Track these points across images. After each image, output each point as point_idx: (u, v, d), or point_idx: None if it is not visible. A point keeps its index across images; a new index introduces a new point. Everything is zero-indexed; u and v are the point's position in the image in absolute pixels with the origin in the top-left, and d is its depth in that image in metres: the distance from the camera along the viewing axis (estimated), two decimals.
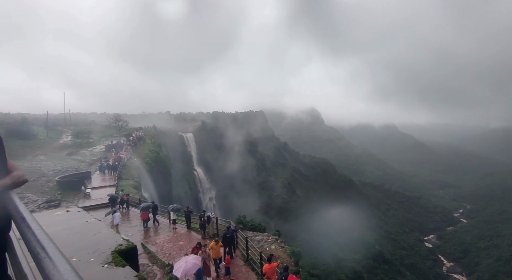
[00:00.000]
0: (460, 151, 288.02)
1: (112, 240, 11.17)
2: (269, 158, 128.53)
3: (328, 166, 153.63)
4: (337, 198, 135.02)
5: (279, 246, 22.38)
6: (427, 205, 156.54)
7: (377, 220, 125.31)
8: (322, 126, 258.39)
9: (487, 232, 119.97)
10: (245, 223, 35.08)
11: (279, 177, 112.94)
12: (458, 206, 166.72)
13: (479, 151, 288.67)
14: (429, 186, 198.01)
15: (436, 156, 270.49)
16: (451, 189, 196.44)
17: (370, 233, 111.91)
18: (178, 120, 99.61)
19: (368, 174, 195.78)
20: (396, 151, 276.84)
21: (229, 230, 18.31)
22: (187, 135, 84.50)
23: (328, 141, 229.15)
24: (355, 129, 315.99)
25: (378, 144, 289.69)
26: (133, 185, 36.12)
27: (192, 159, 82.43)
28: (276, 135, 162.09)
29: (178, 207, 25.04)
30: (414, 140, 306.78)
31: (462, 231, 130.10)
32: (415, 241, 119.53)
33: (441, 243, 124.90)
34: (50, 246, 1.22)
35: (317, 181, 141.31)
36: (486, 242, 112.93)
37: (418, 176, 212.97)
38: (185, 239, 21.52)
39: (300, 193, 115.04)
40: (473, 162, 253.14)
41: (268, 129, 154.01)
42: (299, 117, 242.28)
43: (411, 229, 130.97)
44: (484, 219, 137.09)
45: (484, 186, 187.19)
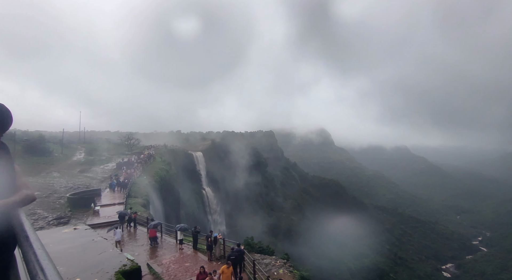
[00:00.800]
0: (476, 175, 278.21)
1: (117, 260, 11.01)
2: (278, 178, 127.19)
3: (338, 188, 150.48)
4: (348, 221, 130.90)
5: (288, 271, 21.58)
6: (444, 231, 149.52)
7: (390, 246, 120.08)
8: (332, 147, 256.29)
9: (510, 263, 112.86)
10: (253, 245, 34.16)
11: (288, 198, 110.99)
12: (477, 234, 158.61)
13: (497, 175, 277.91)
14: (445, 211, 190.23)
15: (451, 179, 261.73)
16: (469, 215, 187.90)
17: (384, 259, 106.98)
18: (188, 139, 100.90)
19: (380, 197, 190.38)
20: (408, 174, 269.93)
21: (233, 252, 17.85)
22: (196, 154, 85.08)
23: (338, 162, 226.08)
24: (366, 151, 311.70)
25: (390, 166, 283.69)
26: (142, 203, 36.12)
27: (201, 178, 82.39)
28: (286, 155, 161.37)
29: (186, 226, 24.69)
30: (427, 162, 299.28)
31: (482, 260, 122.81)
32: (432, 270, 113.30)
33: (460, 273, 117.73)
34: (49, 268, 1.20)
35: (327, 203, 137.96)
36: (510, 274, 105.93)
37: (432, 200, 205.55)
38: (191, 260, 21.03)
39: (310, 214, 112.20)
40: (491, 187, 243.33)
41: (278, 149, 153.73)
42: (309, 137, 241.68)
43: (427, 257, 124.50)
44: (506, 248, 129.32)
45: (505, 213, 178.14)
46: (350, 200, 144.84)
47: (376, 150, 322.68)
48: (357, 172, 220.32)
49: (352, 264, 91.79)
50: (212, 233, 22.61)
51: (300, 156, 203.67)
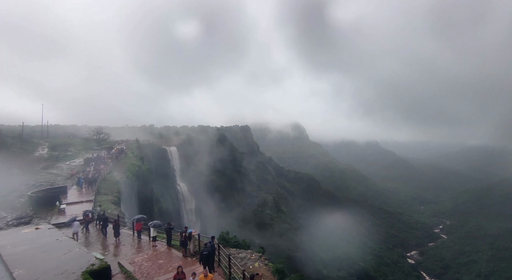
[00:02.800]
0: (439, 168, 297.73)
1: (84, 259, 10.45)
2: (253, 173, 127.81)
3: (312, 182, 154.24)
4: (321, 214, 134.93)
5: (263, 264, 21.74)
6: (409, 221, 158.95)
7: (361, 236, 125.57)
8: (306, 141, 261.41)
9: (466, 248, 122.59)
10: (228, 239, 34.05)
11: (264, 192, 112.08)
12: (438, 222, 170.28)
13: (457, 168, 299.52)
14: (411, 202, 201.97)
15: (417, 172, 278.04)
16: (431, 205, 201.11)
17: (354, 249, 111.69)
18: (162, 134, 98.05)
19: (352, 190, 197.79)
20: (378, 167, 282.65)
21: (206, 247, 17.66)
22: (170, 148, 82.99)
23: (313, 157, 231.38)
24: (339, 145, 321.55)
25: (362, 160, 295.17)
26: (112, 200, 34.68)
27: (175, 173, 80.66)
28: (261, 150, 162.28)
29: (159, 223, 24.10)
30: (395, 156, 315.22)
31: (442, 247, 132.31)
32: (398, 257, 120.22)
33: (423, 259, 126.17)
34: None
35: (301, 197, 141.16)
36: (466, 258, 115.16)
37: (400, 192, 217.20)
38: (165, 258, 20.54)
39: (285, 208, 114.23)
40: (452, 179, 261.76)
41: (253, 144, 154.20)
42: (284, 132, 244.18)
43: (394, 245, 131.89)
44: (463, 235, 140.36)
45: (462, 203, 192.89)
46: (323, 194, 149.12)
47: (349, 144, 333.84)
48: (330, 166, 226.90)
49: (324, 255, 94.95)
50: (187, 229, 22.19)
51: (275, 151, 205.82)
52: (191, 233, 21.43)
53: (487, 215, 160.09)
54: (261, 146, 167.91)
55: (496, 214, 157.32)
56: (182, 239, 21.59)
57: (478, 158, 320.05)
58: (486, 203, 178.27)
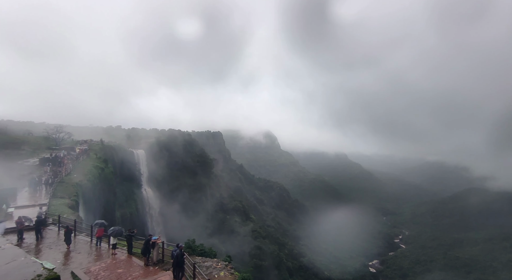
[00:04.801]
0: (400, 181, 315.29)
1: (30, 269, 9.35)
2: (224, 180, 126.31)
3: (282, 191, 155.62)
4: (290, 223, 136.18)
5: (229, 273, 21.22)
6: (372, 231, 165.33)
7: (326, 245, 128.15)
8: (278, 150, 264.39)
9: (422, 257, 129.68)
10: (194, 248, 32.91)
11: (234, 200, 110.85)
12: (398, 233, 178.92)
13: (417, 181, 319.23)
14: (374, 213, 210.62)
15: (380, 184, 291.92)
16: (393, 216, 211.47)
17: (320, 258, 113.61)
18: (130, 136, 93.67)
19: (320, 200, 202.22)
20: (345, 178, 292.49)
21: (175, 254, 17.02)
22: (138, 151, 79.55)
23: (284, 166, 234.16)
24: (310, 156, 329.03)
25: (330, 171, 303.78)
26: (69, 204, 32.19)
27: (141, 177, 77.20)
28: (232, 157, 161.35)
29: (120, 230, 22.68)
30: (361, 169, 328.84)
31: (401, 256, 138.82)
32: (361, 266, 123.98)
33: (383, 268, 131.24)
34: None
35: (271, 205, 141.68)
36: (421, 267, 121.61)
37: (364, 203, 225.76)
38: (124, 266, 19.24)
39: (254, 217, 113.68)
40: (411, 191, 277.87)
41: (225, 151, 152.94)
42: (256, 139, 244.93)
43: (358, 254, 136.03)
44: (419, 244, 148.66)
45: (420, 214, 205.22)
46: (292, 203, 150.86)
47: (319, 155, 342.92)
48: (300, 176, 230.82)
49: (291, 264, 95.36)
50: (151, 236, 21.14)
51: (247, 158, 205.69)
52: (154, 240, 20.40)
53: (441, 226, 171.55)
54: (232, 153, 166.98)
55: (449, 226, 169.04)
56: (145, 246, 20.49)
57: (435, 173, 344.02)
58: (440, 215, 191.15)
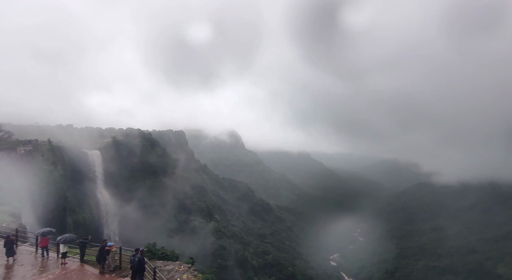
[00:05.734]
0: (360, 178, 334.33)
1: None
2: (187, 180, 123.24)
3: (247, 190, 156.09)
4: (254, 222, 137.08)
5: (192, 275, 20.66)
6: (333, 226, 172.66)
7: (290, 242, 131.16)
8: (242, 150, 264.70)
9: (378, 248, 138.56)
10: (155, 251, 31.55)
11: (197, 200, 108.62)
12: (356, 226, 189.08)
13: (374, 178, 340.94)
14: (335, 208, 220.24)
15: (341, 181, 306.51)
16: (353, 211, 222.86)
17: (284, 255, 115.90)
18: (83, 135, 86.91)
19: (284, 198, 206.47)
20: (308, 176, 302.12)
21: (134, 260, 16.16)
22: (92, 152, 74.22)
23: (248, 165, 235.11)
24: (274, 155, 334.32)
25: (294, 169, 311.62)
26: (11, 211, 28.96)
27: (96, 180, 72.14)
28: (196, 157, 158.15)
29: (71, 237, 20.91)
30: (323, 167, 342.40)
31: (359, 248, 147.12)
32: (323, 260, 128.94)
33: (343, 261, 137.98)
34: None
35: (236, 205, 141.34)
36: (377, 258, 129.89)
37: (326, 200, 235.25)
38: (77, 276, 17.80)
39: (219, 217, 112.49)
40: (369, 187, 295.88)
41: (188, 151, 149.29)
42: (220, 139, 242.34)
43: (320, 249, 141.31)
44: (376, 237, 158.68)
45: (377, 208, 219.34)
46: (257, 202, 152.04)
47: (283, 154, 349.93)
48: (264, 175, 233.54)
49: (256, 262, 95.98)
50: (106, 242, 19.78)
51: (211, 158, 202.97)
52: (110, 247, 19.13)
53: (395, 219, 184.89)
54: (196, 153, 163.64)
55: (402, 218, 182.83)
56: (100, 253, 19.13)
57: (389, 169, 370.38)
58: (394, 209, 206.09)
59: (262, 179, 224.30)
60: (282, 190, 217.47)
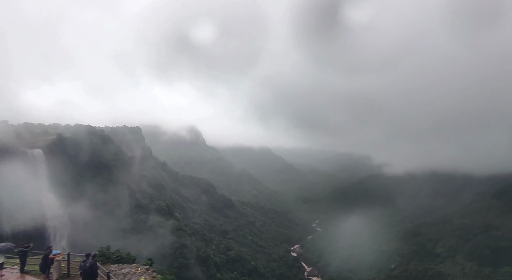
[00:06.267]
0: (317, 171, 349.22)
1: None
2: (145, 178, 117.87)
3: (208, 187, 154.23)
4: (216, 219, 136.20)
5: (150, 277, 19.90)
6: (294, 218, 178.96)
7: (253, 236, 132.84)
8: (203, 146, 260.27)
9: (335, 237, 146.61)
10: (109, 255, 29.75)
11: (156, 199, 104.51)
12: (315, 218, 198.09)
13: (331, 171, 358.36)
14: (295, 201, 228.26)
15: (301, 175, 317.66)
16: (311, 203, 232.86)
17: (246, 249, 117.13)
18: (21, 133, 77.76)
19: (246, 193, 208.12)
20: (269, 171, 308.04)
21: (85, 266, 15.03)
22: (34, 151, 66.95)
23: (209, 161, 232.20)
24: (236, 151, 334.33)
25: (255, 165, 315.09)
26: None
27: (39, 182, 65.32)
28: (154, 154, 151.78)
29: (7, 246, 18.85)
30: (284, 162, 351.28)
31: (318, 238, 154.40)
32: (284, 252, 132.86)
33: (303, 251, 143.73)
34: None
35: (197, 202, 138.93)
36: (335, 246, 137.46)
37: (287, 194, 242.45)
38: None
39: (179, 215, 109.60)
40: (326, 180, 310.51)
41: (145, 148, 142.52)
42: (180, 135, 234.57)
43: (281, 242, 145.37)
44: (333, 226, 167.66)
45: (333, 199, 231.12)
46: (219, 198, 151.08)
47: (244, 150, 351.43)
48: (226, 171, 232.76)
49: (218, 258, 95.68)
50: (51, 250, 18.11)
51: (170, 155, 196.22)
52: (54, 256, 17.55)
53: (350, 208, 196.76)
54: (154, 150, 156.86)
55: (356, 208, 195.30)
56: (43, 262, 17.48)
57: (345, 162, 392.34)
58: (349, 199, 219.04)
59: (224, 175, 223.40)
60: (244, 186, 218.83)
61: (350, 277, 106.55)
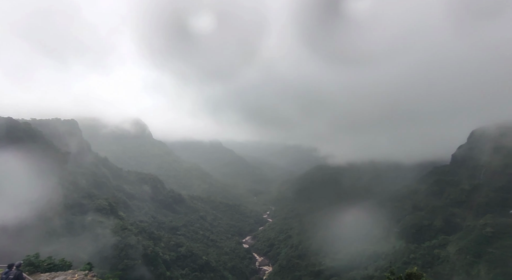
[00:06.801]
0: (268, 164, 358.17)
1: None
2: (83, 176, 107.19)
3: (156, 182, 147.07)
4: (165, 215, 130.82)
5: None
6: (245, 211, 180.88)
7: (204, 231, 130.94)
8: (150, 140, 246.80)
9: (284, 227, 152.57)
10: (39, 263, 26.22)
11: (97, 198, 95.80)
12: (266, 209, 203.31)
13: (281, 163, 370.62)
14: (246, 194, 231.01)
15: (251, 168, 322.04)
16: (262, 195, 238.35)
17: (198, 245, 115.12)
18: None
19: (196, 187, 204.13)
20: (220, 165, 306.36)
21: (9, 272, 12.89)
22: None
23: (157, 156, 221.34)
24: (185, 145, 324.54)
25: (206, 158, 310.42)
26: None
27: None
28: (94, 149, 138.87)
29: None
30: (235, 155, 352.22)
31: (269, 229, 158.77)
32: (236, 244, 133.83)
33: (254, 242, 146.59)
34: None
35: (144, 200, 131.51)
36: (284, 235, 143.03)
37: (238, 187, 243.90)
38: None
39: (124, 214, 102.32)
40: (277, 172, 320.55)
41: (83, 142, 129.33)
42: (122, 128, 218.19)
43: (233, 234, 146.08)
44: (282, 216, 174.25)
45: (283, 191, 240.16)
46: (168, 194, 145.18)
47: (194, 143, 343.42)
48: (175, 166, 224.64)
49: (168, 256, 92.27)
50: None
51: (113, 150, 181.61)
52: None
53: (298, 199, 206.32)
54: (94, 145, 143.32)
55: (304, 198, 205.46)
56: None
57: (294, 154, 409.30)
58: (297, 189, 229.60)
59: (173, 170, 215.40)
60: (194, 180, 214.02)
61: (299, 262, 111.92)
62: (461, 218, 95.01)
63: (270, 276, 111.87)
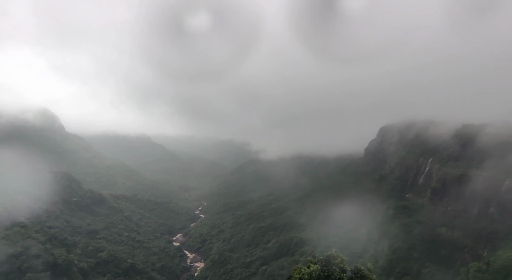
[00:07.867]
0: (200, 159, 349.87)
1: None
2: None
3: (70, 182, 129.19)
4: (82, 218, 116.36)
5: None
6: (175, 208, 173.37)
7: (129, 232, 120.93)
8: (62, 133, 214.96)
9: (217, 221, 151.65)
10: None
11: None
12: (198, 205, 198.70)
13: (213, 158, 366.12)
14: (177, 190, 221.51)
15: (183, 164, 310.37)
16: (194, 191, 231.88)
17: (122, 247, 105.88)
18: None
19: (120, 186, 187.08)
20: (149, 160, 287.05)
21: None
22: None
23: (72, 152, 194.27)
24: (107, 139, 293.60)
25: (132, 154, 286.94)
26: None
27: None
28: None
29: None
30: (165, 150, 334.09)
31: (201, 225, 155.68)
32: (165, 243, 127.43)
33: (186, 240, 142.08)
34: None
35: (53, 202, 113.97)
36: (216, 229, 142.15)
37: (168, 183, 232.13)
38: None
39: (27, 221, 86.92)
40: (209, 167, 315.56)
41: None
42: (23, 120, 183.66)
43: (162, 233, 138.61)
44: (215, 211, 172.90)
45: (215, 186, 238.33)
46: (85, 194, 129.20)
47: (118, 138, 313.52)
48: (95, 162, 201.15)
49: (85, 263, 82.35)
50: None
51: (11, 144, 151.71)
52: None
53: (231, 193, 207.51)
54: None
55: (236, 191, 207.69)
56: None
57: (227, 149, 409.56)
58: (230, 184, 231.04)
59: (92, 167, 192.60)
60: (117, 178, 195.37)
61: (231, 255, 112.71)
62: (372, 203, 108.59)
63: (202, 272, 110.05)
